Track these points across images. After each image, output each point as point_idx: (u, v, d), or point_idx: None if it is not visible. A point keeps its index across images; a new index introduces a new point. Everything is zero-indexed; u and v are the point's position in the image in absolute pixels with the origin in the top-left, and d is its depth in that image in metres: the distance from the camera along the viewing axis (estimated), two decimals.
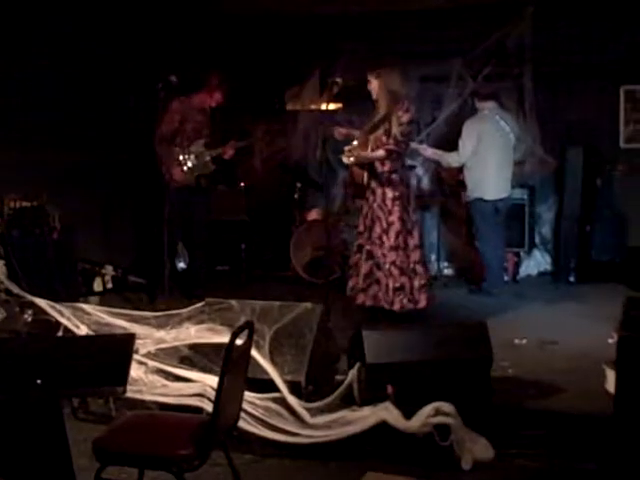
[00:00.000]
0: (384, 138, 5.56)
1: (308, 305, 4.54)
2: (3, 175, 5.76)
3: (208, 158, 6.67)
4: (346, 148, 5.77)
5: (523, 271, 7.97)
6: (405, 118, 5.53)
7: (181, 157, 6.59)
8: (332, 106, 7.67)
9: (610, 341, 4.63)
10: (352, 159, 5.69)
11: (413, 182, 5.59)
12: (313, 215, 7.91)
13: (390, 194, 5.56)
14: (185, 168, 6.58)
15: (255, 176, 8.50)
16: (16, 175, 5.89)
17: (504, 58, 7.73)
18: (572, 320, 6.15)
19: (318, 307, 4.59)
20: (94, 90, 6.87)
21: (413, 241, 5.57)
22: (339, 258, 7.43)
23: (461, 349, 4.25)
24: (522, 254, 7.91)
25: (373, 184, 5.65)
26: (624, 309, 3.82)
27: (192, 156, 6.60)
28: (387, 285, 5.57)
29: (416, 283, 5.57)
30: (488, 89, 7.24)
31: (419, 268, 5.57)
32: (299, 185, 8.16)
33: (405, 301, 5.56)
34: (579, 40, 7.80)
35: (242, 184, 8.29)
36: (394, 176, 5.58)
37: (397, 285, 5.56)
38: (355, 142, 5.85)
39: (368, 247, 5.64)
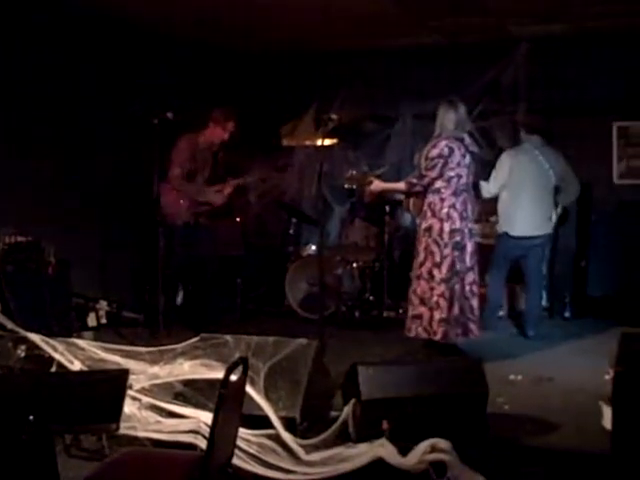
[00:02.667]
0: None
1: (303, 341, 4.53)
2: None
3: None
4: (350, 174, 5.93)
5: (519, 306, 7.95)
6: (432, 153, 5.62)
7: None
8: (327, 142, 7.72)
9: (606, 377, 4.61)
10: (353, 186, 5.96)
11: (454, 216, 5.59)
12: (308, 250, 7.92)
13: (423, 225, 5.67)
14: (182, 202, 6.61)
15: (251, 212, 8.52)
16: (11, 210, 5.90)
17: (498, 95, 7.79)
18: (568, 356, 6.14)
19: (313, 343, 4.57)
20: (90, 126, 6.91)
21: (440, 275, 5.56)
22: (334, 294, 7.43)
23: (457, 385, 4.23)
24: (518, 289, 7.91)
25: None
26: (619, 345, 3.82)
27: None
28: (407, 311, 5.73)
29: (436, 315, 5.56)
30: (537, 122, 7.10)
31: (442, 302, 5.56)
32: (294, 221, 8.18)
33: (420, 330, 5.62)
34: (572, 77, 7.89)
35: (238, 219, 8.31)
36: (425, 208, 5.66)
37: (415, 313, 5.62)
38: (355, 172, 6.04)
39: (410, 274, 5.81)
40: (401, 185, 5.91)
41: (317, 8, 6.87)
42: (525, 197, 6.72)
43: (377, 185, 6.11)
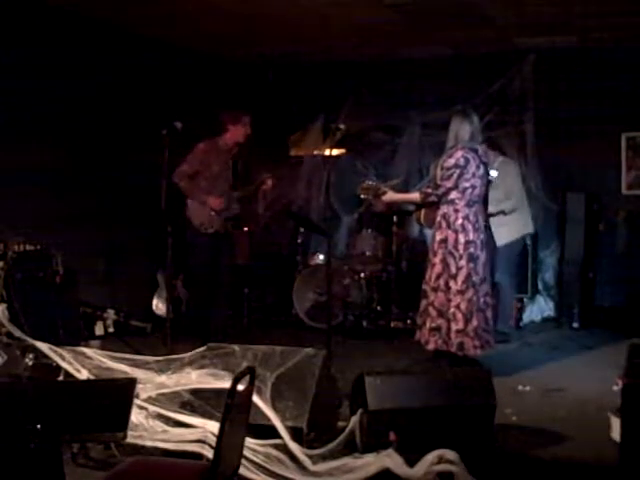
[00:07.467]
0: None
1: (310, 350, 4.52)
2: (7, 219, 5.78)
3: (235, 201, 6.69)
4: (367, 184, 5.90)
5: (526, 317, 7.94)
6: (448, 163, 5.57)
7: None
8: (335, 152, 7.73)
9: (615, 388, 4.59)
10: (368, 197, 5.92)
11: (468, 227, 5.58)
12: (316, 260, 7.92)
13: (438, 237, 5.62)
14: (213, 213, 6.56)
15: (259, 221, 8.53)
16: (20, 219, 5.92)
17: (506, 105, 7.80)
18: (576, 367, 6.12)
19: (320, 352, 4.56)
20: (98, 135, 6.94)
21: (456, 286, 5.53)
22: (342, 303, 7.43)
23: (465, 396, 4.21)
24: (525, 300, 7.89)
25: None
26: (628, 356, 3.80)
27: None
28: (425, 324, 5.64)
29: (453, 327, 5.53)
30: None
31: (458, 314, 5.53)
32: (302, 230, 8.18)
33: (440, 342, 5.58)
34: (580, 87, 7.88)
35: (245, 229, 8.31)
36: (439, 219, 5.63)
37: (433, 325, 5.59)
38: (370, 182, 6.00)
39: (423, 286, 5.73)
40: (415, 195, 5.86)
41: (325, 20, 6.89)
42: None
43: (390, 196, 6.01)
